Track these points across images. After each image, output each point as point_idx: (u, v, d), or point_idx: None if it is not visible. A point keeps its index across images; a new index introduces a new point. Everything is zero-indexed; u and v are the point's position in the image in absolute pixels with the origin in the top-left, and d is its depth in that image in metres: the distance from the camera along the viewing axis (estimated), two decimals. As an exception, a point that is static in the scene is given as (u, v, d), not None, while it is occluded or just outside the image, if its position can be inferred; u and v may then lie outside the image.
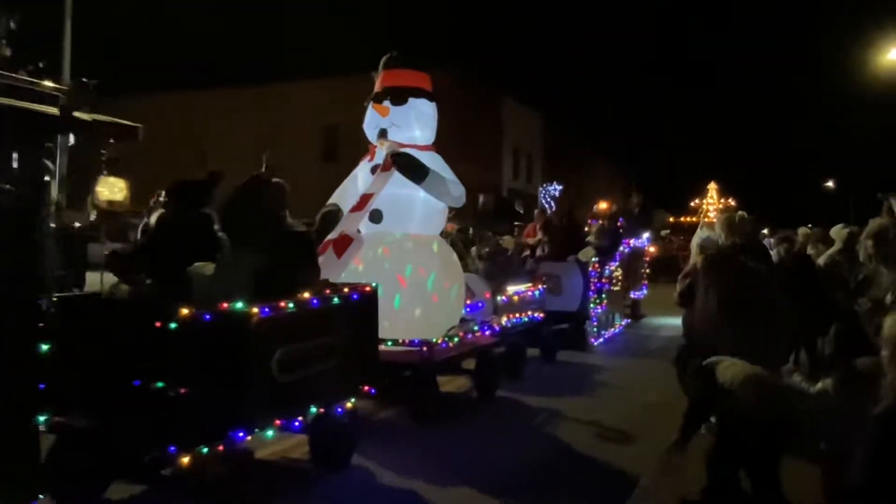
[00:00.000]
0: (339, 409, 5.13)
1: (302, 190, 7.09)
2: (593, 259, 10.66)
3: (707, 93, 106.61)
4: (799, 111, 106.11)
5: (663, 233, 25.01)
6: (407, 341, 6.40)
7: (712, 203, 42.94)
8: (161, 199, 8.69)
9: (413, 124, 7.11)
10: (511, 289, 8.72)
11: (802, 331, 6.36)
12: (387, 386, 5.85)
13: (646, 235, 14.52)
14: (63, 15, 14.50)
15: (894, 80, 22.50)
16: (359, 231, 6.75)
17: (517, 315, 8.67)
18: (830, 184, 54.09)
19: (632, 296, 13.45)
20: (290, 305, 4.55)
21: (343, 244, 6.34)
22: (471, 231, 12.24)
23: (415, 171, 6.80)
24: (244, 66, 49.00)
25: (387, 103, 7.03)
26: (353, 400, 5.26)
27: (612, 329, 11.92)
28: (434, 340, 6.44)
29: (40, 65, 8.26)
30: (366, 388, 5.41)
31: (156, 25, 46.51)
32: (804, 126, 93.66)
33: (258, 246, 4.63)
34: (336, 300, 5.07)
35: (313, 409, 4.79)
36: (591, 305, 10.65)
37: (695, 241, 5.88)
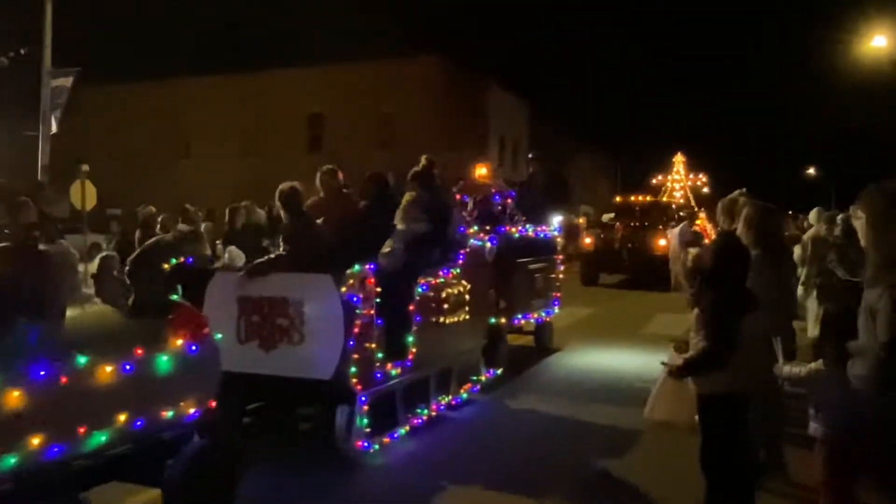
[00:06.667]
0: None
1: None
2: (364, 267, 5.14)
3: (692, 78, 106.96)
4: (782, 97, 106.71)
5: (605, 217, 19.34)
6: None
7: (679, 180, 36.41)
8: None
9: None
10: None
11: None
12: None
13: (556, 221, 9.51)
14: (44, 1, 14.35)
15: (877, 68, 22.70)
16: None
17: (34, 443, 3.19)
18: (812, 171, 54.56)
19: (528, 320, 8.54)
20: None
21: None
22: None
23: None
24: (228, 53, 48.54)
25: None
26: None
27: (447, 399, 6.26)
28: None
29: (22, 52, 8.16)
30: None
31: (138, 12, 46.12)
32: (787, 112, 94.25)
33: None
34: None
35: None
36: (353, 369, 4.96)
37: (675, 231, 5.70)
